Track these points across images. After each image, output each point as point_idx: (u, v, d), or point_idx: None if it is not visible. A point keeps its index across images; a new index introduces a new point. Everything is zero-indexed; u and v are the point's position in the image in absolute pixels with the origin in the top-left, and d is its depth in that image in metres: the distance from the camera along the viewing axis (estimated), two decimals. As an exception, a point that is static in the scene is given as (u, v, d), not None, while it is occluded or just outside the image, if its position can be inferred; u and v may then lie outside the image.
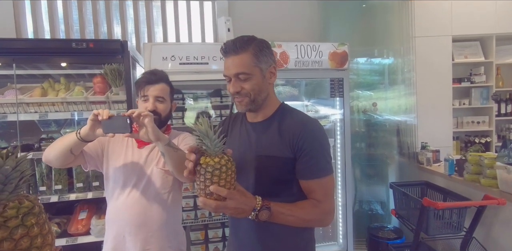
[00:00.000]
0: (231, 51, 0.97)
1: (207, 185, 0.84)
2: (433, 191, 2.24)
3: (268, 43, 1.04)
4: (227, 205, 0.85)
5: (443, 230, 1.90)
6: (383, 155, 3.00)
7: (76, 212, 2.16)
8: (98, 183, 2.11)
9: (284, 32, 3.08)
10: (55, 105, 2.04)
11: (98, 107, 2.10)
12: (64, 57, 1.95)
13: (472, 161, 2.08)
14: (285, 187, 1.01)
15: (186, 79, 2.08)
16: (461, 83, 3.36)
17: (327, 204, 0.99)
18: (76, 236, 2.03)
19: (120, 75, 2.07)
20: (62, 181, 2.06)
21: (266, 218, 0.91)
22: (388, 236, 2.40)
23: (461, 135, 3.46)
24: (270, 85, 1.05)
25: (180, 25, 3.05)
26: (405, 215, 2.16)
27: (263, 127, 1.05)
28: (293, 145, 0.98)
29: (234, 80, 0.98)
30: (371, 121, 3.04)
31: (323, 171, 0.98)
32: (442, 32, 3.13)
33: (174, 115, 2.22)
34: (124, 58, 1.99)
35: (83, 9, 2.86)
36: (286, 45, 2.30)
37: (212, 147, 0.87)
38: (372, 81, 3.12)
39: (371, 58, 3.14)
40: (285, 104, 1.10)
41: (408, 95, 3.02)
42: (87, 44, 1.87)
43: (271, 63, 1.02)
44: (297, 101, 2.66)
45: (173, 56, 2.06)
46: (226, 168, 0.85)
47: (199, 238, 2.31)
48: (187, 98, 2.34)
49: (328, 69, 2.37)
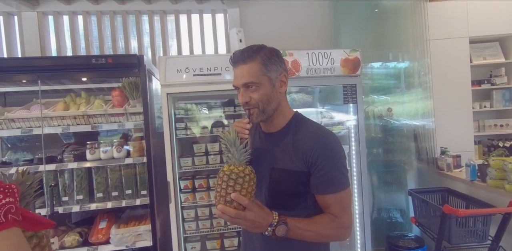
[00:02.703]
0: (239, 61, 0.97)
1: (228, 193, 0.84)
2: (454, 198, 2.16)
3: (278, 51, 1.02)
4: (245, 215, 0.84)
5: (467, 238, 1.82)
6: (401, 161, 2.92)
7: (97, 221, 2.23)
8: (117, 193, 2.17)
9: (296, 41, 3.11)
10: (77, 118, 2.14)
11: (116, 119, 2.19)
12: (85, 73, 2.05)
13: (495, 166, 2.00)
14: (299, 200, 0.99)
15: (200, 90, 2.13)
16: (481, 85, 3.25)
17: (345, 219, 0.96)
18: (97, 245, 2.09)
19: (137, 88, 2.15)
20: (83, 191, 2.14)
21: (283, 234, 0.89)
22: (408, 245, 2.31)
23: (484, 139, 3.33)
24: (281, 94, 1.02)
25: (194, 37, 3.14)
26: (426, 223, 2.08)
27: (277, 139, 1.03)
28: (307, 159, 0.95)
29: (243, 90, 0.98)
30: (387, 126, 2.98)
31: (339, 186, 0.95)
32: (458, 34, 3.06)
33: (177, 126, 2.25)
34: (141, 72, 2.07)
35: (102, 25, 3.00)
36: (298, 53, 2.32)
37: (238, 156, 0.88)
38: (387, 86, 3.07)
39: (385, 62, 3.10)
40: (298, 113, 1.08)
41: (425, 99, 2.95)
42: (106, 60, 1.96)
43: (281, 71, 1.00)
44: (312, 108, 2.65)
45: (187, 68, 2.11)
46: (249, 178, 0.86)
47: (215, 247, 2.31)
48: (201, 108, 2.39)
49: (341, 76, 2.37)
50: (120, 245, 2.12)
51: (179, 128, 2.29)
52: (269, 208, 0.93)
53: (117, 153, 2.19)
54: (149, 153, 2.10)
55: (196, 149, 2.37)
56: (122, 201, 2.17)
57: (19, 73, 2.01)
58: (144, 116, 2.08)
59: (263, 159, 1.04)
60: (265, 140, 1.08)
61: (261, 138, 1.10)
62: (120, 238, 2.11)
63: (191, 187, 2.32)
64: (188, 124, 2.32)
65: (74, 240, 2.10)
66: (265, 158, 1.04)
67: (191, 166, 2.33)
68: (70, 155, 2.16)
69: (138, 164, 2.23)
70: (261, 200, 1.01)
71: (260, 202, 0.98)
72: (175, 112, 2.28)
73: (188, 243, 2.31)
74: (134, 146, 2.24)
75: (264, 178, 1.01)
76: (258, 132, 1.12)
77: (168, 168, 2.15)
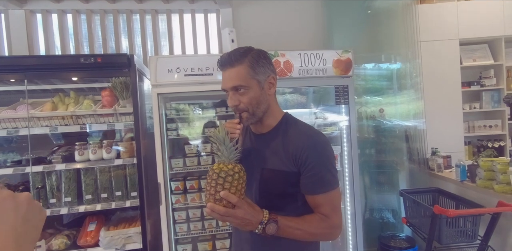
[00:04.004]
0: (227, 64, 0.97)
1: (218, 191, 0.84)
2: (445, 198, 2.18)
3: (265, 53, 1.02)
4: (235, 213, 0.84)
5: (456, 238, 1.84)
6: (393, 161, 2.94)
7: (85, 224, 2.19)
8: (107, 195, 2.13)
9: (289, 41, 3.11)
10: (65, 119, 2.09)
11: (106, 119, 2.15)
12: (73, 72, 2.01)
13: (484, 166, 2.02)
14: (289, 201, 1.00)
15: (191, 90, 2.11)
16: (471, 86, 3.30)
17: (335, 218, 0.97)
18: (86, 248, 2.05)
19: (127, 88, 2.12)
20: (71, 193, 2.09)
21: (273, 232, 0.89)
22: (400, 246, 2.33)
23: (473, 140, 3.38)
24: (270, 96, 1.03)
25: (186, 37, 3.11)
26: (417, 223, 2.10)
27: (267, 140, 1.04)
28: (296, 159, 0.96)
29: (232, 93, 0.98)
30: (380, 127, 3.00)
31: (329, 186, 0.96)
32: (449, 36, 3.10)
33: (168, 127, 2.22)
34: (131, 71, 2.04)
35: (92, 24, 2.95)
36: (290, 54, 2.31)
37: (227, 154, 0.89)
38: (380, 87, 3.09)
39: (378, 63, 3.12)
40: (288, 114, 1.08)
41: (416, 100, 2.97)
42: (95, 59, 1.93)
43: (269, 73, 1.01)
44: (305, 108, 2.65)
45: (178, 68, 2.09)
46: (239, 176, 0.86)
47: (207, 249, 2.29)
48: (193, 108, 2.37)
49: (333, 77, 2.37)
50: (110, 247, 2.08)
51: (170, 129, 2.26)
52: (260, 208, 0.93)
53: (107, 154, 2.15)
54: (139, 154, 2.07)
55: (187, 150, 2.35)
56: (111, 203, 2.13)
57: (5, 72, 1.96)
58: (134, 117, 2.05)
59: (253, 160, 1.04)
60: (255, 141, 1.08)
61: (251, 139, 1.10)
62: (109, 241, 2.07)
63: (182, 189, 2.29)
64: (179, 125, 2.30)
65: (62, 243, 2.06)
66: (255, 158, 1.04)
67: (182, 167, 2.30)
68: (58, 156, 2.12)
69: (128, 165, 2.20)
70: (252, 200, 1.00)
71: None
72: (166, 113, 2.25)
73: (179, 245, 2.28)
74: (124, 147, 2.21)
75: (254, 179, 1.02)
76: (249, 133, 1.12)
77: (158, 169, 2.12)
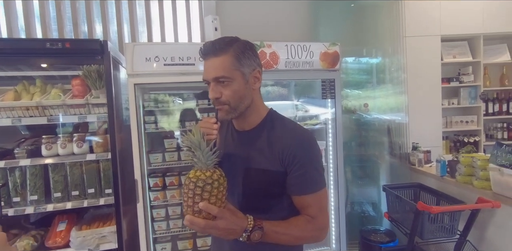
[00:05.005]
0: (210, 53, 0.89)
1: (196, 202, 0.76)
2: (426, 194, 2.21)
3: (252, 44, 0.95)
4: (217, 224, 0.77)
5: (437, 233, 1.87)
6: (374, 155, 2.96)
7: (54, 223, 2.04)
8: (78, 193, 1.98)
9: (274, 32, 3.00)
10: (30, 110, 1.90)
11: (77, 111, 1.98)
12: (38, 58, 1.82)
13: (464, 162, 2.05)
14: (275, 202, 0.94)
15: (170, 81, 1.98)
16: (450, 82, 3.37)
17: (322, 220, 0.92)
18: (55, 250, 1.90)
19: (100, 77, 1.95)
20: (38, 191, 1.93)
21: (259, 239, 0.83)
22: (381, 240, 2.35)
23: (450, 135, 3.47)
24: (255, 91, 0.96)
25: (166, 24, 2.93)
26: (399, 218, 2.11)
27: (251, 137, 0.97)
28: (283, 158, 0.90)
29: (214, 84, 0.90)
30: (360, 120, 3.00)
31: (316, 186, 0.92)
32: (431, 32, 3.12)
33: (146, 120, 2.10)
34: (104, 59, 1.87)
35: (61, 7, 2.71)
36: (276, 45, 2.22)
37: (204, 160, 0.80)
38: (360, 80, 3.09)
39: (359, 57, 3.11)
40: (273, 111, 1.02)
41: (397, 94, 2.99)
42: (63, 44, 1.75)
43: (255, 66, 0.93)
44: (287, 100, 2.59)
45: (157, 57, 1.95)
46: (218, 183, 0.78)
47: (187, 247, 2.21)
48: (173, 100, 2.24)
49: (320, 70, 2.31)
50: (82, 248, 1.95)
51: (149, 122, 2.13)
52: (244, 210, 0.87)
53: (78, 149, 1.99)
54: (114, 148, 1.93)
55: (167, 144, 2.23)
56: (84, 201, 1.98)
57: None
58: (108, 108, 1.90)
59: (236, 159, 0.97)
60: (238, 139, 1.01)
61: (233, 136, 1.02)
62: (81, 241, 1.93)
63: (161, 185, 2.18)
64: (158, 117, 2.17)
65: (27, 244, 1.89)
66: (238, 157, 0.97)
67: (162, 162, 2.18)
68: (22, 150, 1.93)
69: (103, 161, 2.04)
70: (235, 202, 0.95)
71: (234, 204, 0.92)
72: (143, 104, 2.11)
73: (158, 244, 2.18)
74: (97, 141, 2.05)
75: (237, 179, 0.95)
76: (231, 130, 1.04)
77: (135, 164, 2.00)
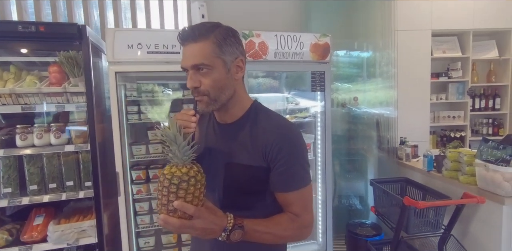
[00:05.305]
0: (189, 38, 0.82)
1: (171, 200, 0.71)
2: (412, 188, 2.21)
3: (235, 31, 0.89)
4: (193, 224, 0.72)
5: (422, 228, 1.87)
6: (362, 149, 2.96)
7: (31, 217, 1.94)
8: (56, 185, 1.89)
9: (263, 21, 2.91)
10: (2, 97, 1.79)
11: (54, 99, 1.87)
12: (9, 42, 1.69)
13: (451, 157, 2.06)
14: (257, 199, 0.90)
15: (154, 69, 1.88)
16: (439, 78, 3.37)
17: (306, 217, 0.88)
18: (30, 244, 1.82)
19: (78, 64, 1.84)
20: (12, 183, 1.83)
21: (239, 239, 0.79)
22: (367, 233, 2.36)
23: (437, 130, 3.50)
24: (237, 81, 0.90)
25: (151, 11, 2.80)
26: (385, 212, 2.11)
27: (233, 130, 0.91)
28: (266, 153, 0.85)
29: (192, 72, 0.83)
30: (350, 114, 2.98)
31: (301, 183, 0.87)
32: (423, 26, 3.09)
33: (129, 110, 2.02)
34: (83, 45, 1.76)
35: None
36: (265, 34, 2.15)
37: (180, 155, 0.74)
38: (351, 74, 3.06)
39: (350, 51, 3.07)
40: (257, 103, 0.96)
41: (386, 88, 2.97)
42: (37, 28, 1.62)
43: (237, 55, 0.87)
44: (278, 93, 2.54)
45: (140, 44, 1.85)
46: (195, 180, 0.72)
47: (171, 242, 2.16)
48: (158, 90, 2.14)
49: (310, 62, 2.25)
50: (60, 243, 1.87)
51: (131, 112, 2.04)
52: (225, 207, 0.82)
53: (56, 139, 1.89)
54: (93, 139, 1.84)
55: (151, 136, 2.15)
56: (62, 194, 1.89)
57: None
58: (87, 97, 1.80)
59: (217, 153, 0.91)
60: (220, 132, 0.95)
61: (215, 129, 0.96)
62: (59, 236, 1.86)
63: (144, 178, 2.11)
64: (141, 108, 2.08)
65: (1, 239, 1.81)
66: (219, 152, 0.91)
67: (145, 154, 2.11)
68: (-6, 141, 1.82)
69: (82, 152, 1.95)
70: (216, 199, 0.90)
71: (215, 201, 0.87)
72: (126, 94, 2.02)
73: (140, 238, 2.12)
74: (76, 131, 1.95)
75: (218, 175, 0.89)
76: (212, 122, 0.98)
77: (117, 156, 1.91)
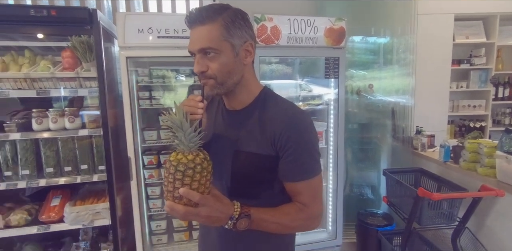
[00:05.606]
0: (196, 21, 0.79)
1: (177, 187, 0.70)
2: (427, 179, 2.15)
3: (245, 14, 0.84)
4: (199, 212, 0.71)
5: (436, 220, 1.83)
6: (376, 138, 2.89)
7: (48, 198, 2.02)
8: (71, 168, 1.94)
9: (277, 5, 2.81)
10: (18, 82, 1.82)
11: (67, 84, 1.89)
12: (22, 27, 1.69)
13: (470, 148, 1.97)
14: (265, 188, 0.88)
15: (164, 54, 1.86)
16: (460, 65, 3.21)
17: (315, 208, 0.86)
18: (48, 224, 1.90)
19: (90, 49, 1.84)
20: (29, 165, 1.88)
21: (245, 227, 0.78)
22: (378, 223, 2.34)
23: (456, 119, 3.37)
24: (246, 66, 0.86)
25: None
26: (398, 203, 2.08)
27: (242, 117, 0.89)
28: (275, 142, 0.82)
29: (199, 56, 0.80)
30: (364, 102, 2.89)
31: (311, 172, 0.84)
32: (445, 10, 2.92)
33: (140, 95, 2.02)
34: (94, 29, 1.75)
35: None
36: (278, 18, 2.07)
37: (187, 142, 0.73)
38: (367, 61, 2.94)
39: (367, 36, 2.94)
40: (267, 89, 0.93)
41: (403, 76, 2.84)
42: (48, 12, 1.62)
43: (246, 38, 0.83)
44: (291, 80, 2.49)
45: (150, 28, 1.82)
46: (201, 168, 0.71)
47: (183, 226, 2.20)
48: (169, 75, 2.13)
49: (324, 47, 2.18)
50: (76, 223, 1.94)
51: (143, 98, 2.04)
52: (232, 196, 0.81)
53: (70, 124, 1.92)
54: (106, 124, 1.86)
55: (162, 122, 2.15)
56: (77, 177, 1.95)
57: None
58: (99, 82, 1.80)
59: (225, 141, 0.89)
60: (228, 119, 0.92)
61: (223, 116, 0.94)
62: (75, 217, 1.92)
63: (156, 163, 2.14)
64: (153, 93, 2.08)
65: (21, 218, 1.89)
66: (227, 139, 0.89)
67: (156, 140, 2.12)
68: (12, 124, 1.87)
69: (95, 136, 1.99)
70: (223, 187, 0.89)
71: (222, 189, 0.86)
72: (137, 79, 2.01)
73: (153, 221, 2.18)
74: (89, 116, 1.98)
75: (226, 163, 0.88)
76: (221, 109, 0.95)
77: (128, 141, 1.94)
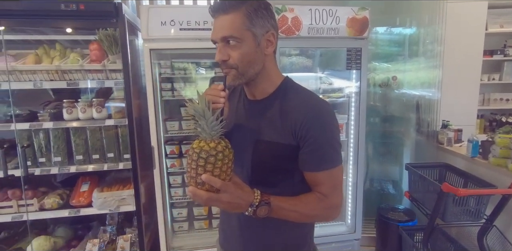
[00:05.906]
0: (220, 10, 0.81)
1: (199, 174, 0.73)
2: (452, 175, 2.08)
3: (268, 4, 0.85)
4: (220, 198, 0.74)
5: (461, 217, 1.77)
6: (399, 132, 2.81)
7: (78, 184, 2.14)
8: (98, 156, 2.04)
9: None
10: (50, 73, 1.91)
11: (95, 76, 1.97)
12: (53, 21, 1.78)
13: (500, 143, 1.88)
14: (285, 177, 0.89)
15: (186, 46, 1.89)
16: (493, 55, 3.04)
17: (334, 198, 0.86)
18: (78, 208, 2.02)
19: (116, 42, 1.90)
20: (61, 153, 2.00)
21: (265, 215, 0.79)
22: (399, 218, 2.29)
23: (486, 113, 3.21)
24: (268, 56, 0.87)
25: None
26: (420, 198, 2.02)
27: (263, 107, 0.90)
28: (296, 131, 0.83)
29: (221, 45, 0.82)
30: (387, 95, 2.81)
31: (331, 163, 0.84)
32: (478, -4, 2.75)
33: (163, 87, 2.07)
34: (119, 23, 1.80)
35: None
36: (299, 9, 2.04)
37: (209, 130, 0.75)
38: (391, 53, 2.84)
39: (391, 27, 2.82)
40: (289, 79, 0.93)
41: (430, 68, 2.72)
42: (77, 6, 1.68)
43: (268, 28, 0.84)
44: (311, 72, 2.46)
45: (173, 21, 1.85)
46: (223, 155, 0.74)
47: (203, 214, 2.27)
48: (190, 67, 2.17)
49: (345, 38, 2.13)
50: (103, 209, 2.05)
51: (165, 89, 2.10)
52: (252, 184, 0.83)
53: (97, 114, 2.01)
54: (131, 114, 1.93)
55: (183, 113, 2.20)
56: (104, 165, 2.05)
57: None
58: (124, 74, 1.87)
59: (246, 130, 0.91)
60: (249, 108, 0.94)
61: (245, 105, 0.95)
62: (102, 202, 2.03)
63: (177, 153, 2.20)
64: (175, 85, 2.12)
65: (54, 202, 2.01)
66: (248, 128, 0.91)
67: (178, 130, 2.18)
68: (45, 113, 1.98)
69: (121, 126, 2.07)
70: (244, 175, 0.90)
71: (243, 177, 0.87)
72: (160, 71, 2.07)
73: (174, 209, 2.25)
74: (115, 107, 2.06)
75: (247, 151, 0.89)
76: (242, 98, 0.97)
77: (152, 132, 2.00)
